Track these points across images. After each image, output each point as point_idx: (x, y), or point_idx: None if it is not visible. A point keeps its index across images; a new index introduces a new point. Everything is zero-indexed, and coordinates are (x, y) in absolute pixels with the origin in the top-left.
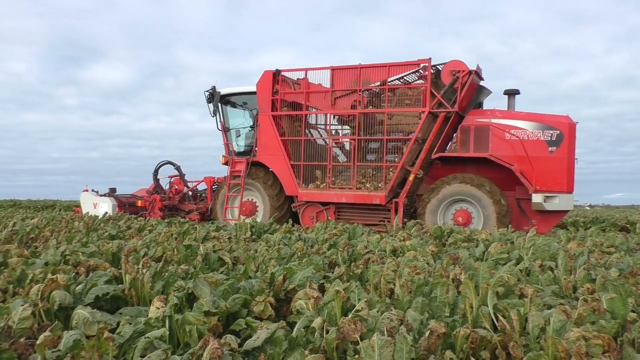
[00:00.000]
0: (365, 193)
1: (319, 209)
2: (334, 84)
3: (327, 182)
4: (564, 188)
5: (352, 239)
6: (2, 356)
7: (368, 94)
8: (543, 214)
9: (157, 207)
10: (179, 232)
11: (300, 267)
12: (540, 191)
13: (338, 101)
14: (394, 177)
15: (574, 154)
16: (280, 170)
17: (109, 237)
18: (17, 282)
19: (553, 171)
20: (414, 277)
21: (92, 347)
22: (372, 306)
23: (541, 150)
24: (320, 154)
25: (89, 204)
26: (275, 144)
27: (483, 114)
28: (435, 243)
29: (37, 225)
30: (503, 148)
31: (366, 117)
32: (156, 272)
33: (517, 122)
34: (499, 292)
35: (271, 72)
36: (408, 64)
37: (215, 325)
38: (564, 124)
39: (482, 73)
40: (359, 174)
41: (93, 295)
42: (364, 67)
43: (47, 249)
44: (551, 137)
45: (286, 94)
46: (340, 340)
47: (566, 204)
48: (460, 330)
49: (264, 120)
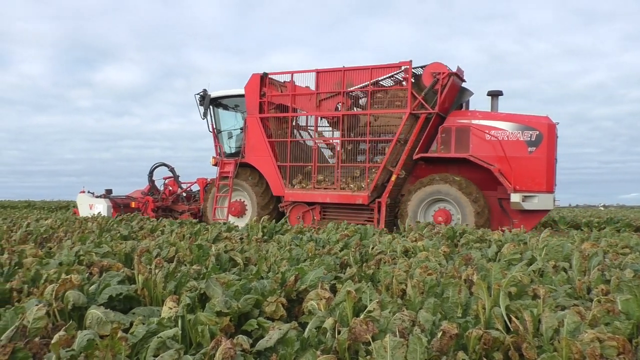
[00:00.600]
0: (348, 193)
1: (306, 209)
2: (319, 86)
3: (312, 182)
4: (544, 188)
5: (364, 240)
6: (17, 355)
7: (351, 96)
8: (524, 213)
9: (150, 208)
10: (191, 232)
11: (312, 267)
12: (520, 191)
13: (323, 103)
14: (376, 177)
15: (554, 154)
16: (268, 171)
17: (121, 237)
18: (31, 282)
19: (532, 171)
20: (426, 278)
21: (105, 347)
22: (384, 307)
23: (520, 151)
24: (306, 155)
25: (85, 205)
26: (262, 145)
27: (464, 115)
28: (447, 244)
29: (51, 225)
30: (483, 148)
31: (349, 118)
32: (169, 273)
33: (497, 122)
34: (511, 292)
35: (259, 75)
36: (390, 67)
37: (227, 325)
38: (543, 125)
39: (463, 75)
40: (342, 174)
41: (106, 295)
42: (347, 69)
43: (61, 250)
44: (531, 137)
45: (273, 97)
46: (352, 340)
47: (546, 204)
48: (472, 331)
49: (252, 122)
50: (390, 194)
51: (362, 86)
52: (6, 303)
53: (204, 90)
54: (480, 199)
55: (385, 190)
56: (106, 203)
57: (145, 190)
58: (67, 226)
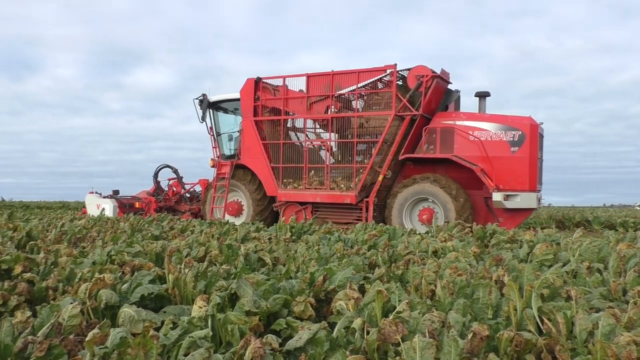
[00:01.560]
0: (337, 193)
1: (298, 209)
2: (309, 90)
3: (303, 183)
4: (526, 187)
5: (392, 240)
6: (53, 352)
7: (340, 99)
8: (509, 212)
9: (153, 208)
10: (220, 232)
11: (340, 267)
12: (502, 190)
13: (313, 106)
14: (363, 177)
15: (536, 154)
16: (262, 172)
17: (152, 237)
18: (66, 280)
19: (515, 170)
20: (455, 279)
21: (137, 345)
22: (413, 307)
23: (503, 150)
24: (298, 156)
25: (93, 205)
26: (257, 147)
27: (448, 116)
28: (477, 244)
29: (85, 226)
30: (467, 149)
31: (338, 121)
32: (199, 272)
33: (480, 123)
34: (544, 294)
35: (253, 79)
36: (376, 70)
37: (256, 325)
38: (525, 125)
39: (448, 77)
40: (332, 175)
41: (138, 294)
42: (336, 73)
43: (94, 249)
44: (513, 137)
45: (267, 100)
46: (381, 341)
47: (528, 202)
48: (504, 332)
49: (247, 125)
50: (378, 193)
51: (350, 89)
52: (42, 301)
53: (204, 95)
54: (461, 197)
55: (372, 190)
56: (112, 203)
57: (150, 191)
58: (100, 226)
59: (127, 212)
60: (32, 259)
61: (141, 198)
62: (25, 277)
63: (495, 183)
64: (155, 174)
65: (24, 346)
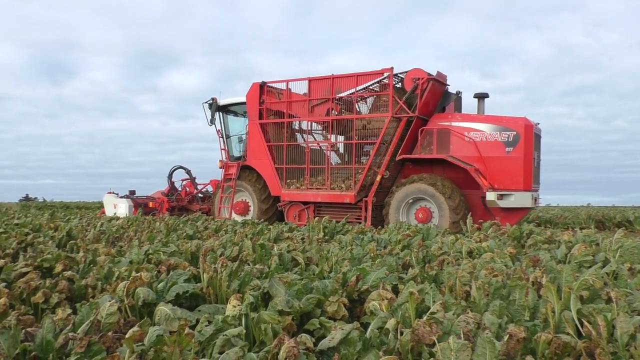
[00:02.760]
0: (337, 193)
1: (301, 208)
2: (311, 93)
3: (305, 183)
4: (521, 186)
5: (426, 240)
6: (92, 348)
7: (340, 102)
8: (506, 211)
9: (165, 207)
10: (254, 232)
11: (373, 268)
12: (497, 189)
13: (315, 109)
14: (361, 177)
15: (531, 154)
16: (266, 173)
17: (187, 237)
18: (104, 279)
19: (510, 170)
20: (491, 280)
21: (174, 342)
22: (447, 308)
23: (498, 151)
24: (300, 157)
25: (110, 205)
26: (262, 149)
27: (444, 118)
28: (513, 244)
29: (122, 225)
30: (463, 149)
31: (338, 123)
32: (232, 272)
33: (476, 124)
34: (583, 296)
35: (258, 84)
36: (373, 74)
37: (289, 324)
38: (520, 125)
39: (445, 80)
40: (333, 175)
41: (174, 292)
42: (336, 77)
43: (131, 248)
44: (508, 138)
45: (271, 104)
46: (415, 342)
47: (523, 202)
48: (541, 335)
49: (253, 128)
50: (377, 193)
51: (349, 92)
52: (82, 298)
53: (213, 99)
54: (456, 196)
55: (371, 190)
56: (128, 203)
57: (165, 191)
58: (136, 226)
59: (142, 212)
60: (72, 258)
61: (155, 198)
62: (66, 275)
63: (490, 183)
64: (170, 174)
65: (64, 342)
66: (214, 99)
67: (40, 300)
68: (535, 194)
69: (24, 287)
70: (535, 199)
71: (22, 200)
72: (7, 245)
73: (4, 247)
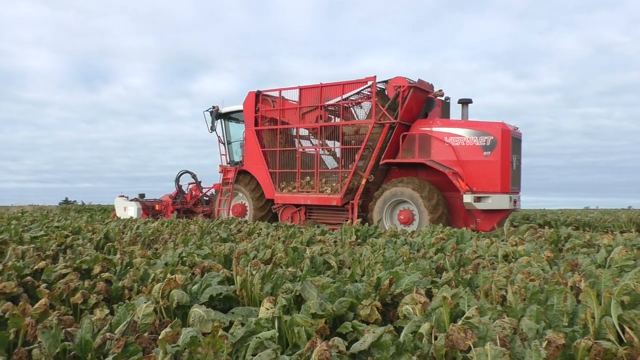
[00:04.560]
0: (325, 196)
1: (294, 210)
2: (302, 101)
3: (296, 186)
4: (498, 189)
5: (460, 244)
6: (129, 349)
7: (328, 109)
8: (486, 213)
9: (170, 210)
10: (286, 235)
11: (407, 271)
12: (476, 192)
13: (305, 116)
14: (347, 181)
15: (508, 158)
16: (261, 177)
17: (221, 240)
18: (140, 280)
19: (487, 173)
20: (528, 284)
21: (207, 344)
22: (483, 313)
23: (476, 155)
24: (292, 162)
25: (120, 207)
26: (257, 154)
27: (426, 123)
28: (550, 248)
29: (157, 228)
30: (443, 153)
31: (326, 129)
32: (265, 274)
33: (455, 129)
34: (624, 301)
35: (254, 92)
36: (358, 82)
37: (322, 327)
38: (497, 130)
39: (429, 87)
40: (321, 179)
41: (207, 294)
42: (324, 86)
43: (166, 251)
44: (486, 142)
45: (266, 111)
46: (449, 347)
47: (500, 204)
48: (581, 341)
49: (249, 134)
50: (362, 196)
51: (336, 100)
52: (119, 299)
53: (214, 107)
54: (434, 198)
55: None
56: (136, 206)
57: (173, 195)
58: (171, 229)
59: (150, 214)
60: (110, 260)
61: (162, 201)
62: (104, 276)
63: (469, 185)
64: (177, 179)
65: (102, 342)
66: (216, 107)
67: (79, 301)
68: (514, 196)
69: (64, 287)
70: (514, 201)
71: (62, 203)
72: (48, 247)
73: (45, 249)
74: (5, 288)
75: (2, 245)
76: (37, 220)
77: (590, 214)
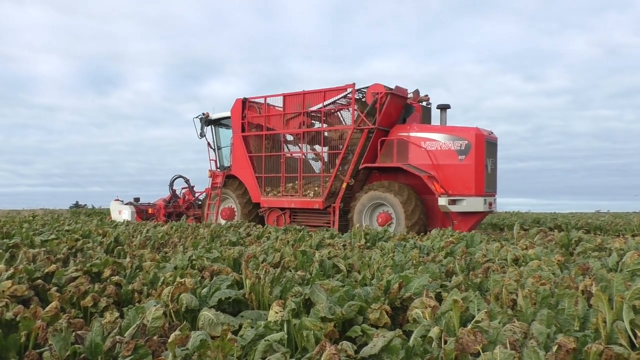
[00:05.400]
0: (308, 199)
1: (279, 213)
2: (286, 107)
3: (281, 190)
4: (472, 191)
5: (470, 247)
6: (138, 351)
7: (310, 115)
8: (462, 215)
9: (162, 214)
10: (295, 239)
11: (416, 275)
12: (452, 195)
13: (289, 122)
14: (329, 185)
15: (482, 161)
16: (248, 182)
17: (230, 243)
18: (150, 284)
19: (462, 177)
20: (538, 288)
21: (217, 347)
22: (493, 317)
23: (451, 159)
24: (276, 167)
25: (115, 210)
26: (244, 159)
27: (404, 129)
28: (561, 252)
29: (167, 232)
30: (420, 158)
31: (308, 134)
32: (274, 278)
33: (431, 134)
34: (636, 306)
35: (241, 99)
36: (338, 89)
37: (331, 331)
38: (471, 135)
39: (406, 93)
40: (303, 183)
41: (216, 298)
42: (306, 93)
43: (175, 254)
44: (460, 146)
45: (252, 118)
46: (459, 351)
47: (475, 206)
48: (592, 346)
49: (236, 140)
50: (343, 199)
51: (317, 107)
52: (129, 303)
53: (203, 114)
54: (411, 201)
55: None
56: (131, 209)
57: (167, 199)
58: (180, 232)
59: (144, 217)
60: (120, 263)
61: (156, 205)
62: (114, 280)
63: (444, 189)
64: (171, 183)
65: (112, 345)
66: (206, 114)
67: (89, 304)
68: (489, 198)
69: (74, 291)
70: (489, 204)
71: (72, 207)
72: (59, 251)
73: (56, 252)
74: (17, 291)
75: (13, 249)
76: (48, 224)
77: (601, 217)
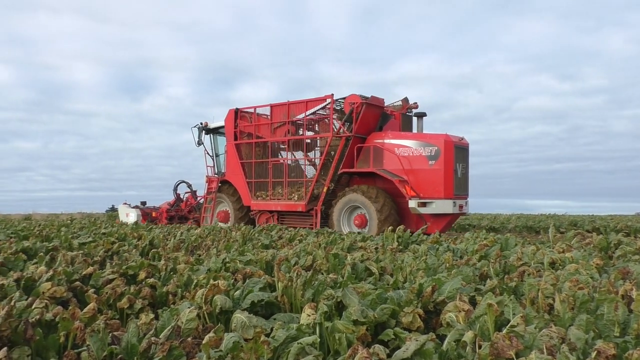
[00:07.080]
0: (292, 203)
1: (268, 216)
2: (273, 117)
3: (268, 194)
4: (442, 195)
5: (505, 250)
6: (173, 353)
7: (295, 124)
8: (435, 217)
9: (164, 217)
10: (327, 242)
11: (449, 278)
12: (423, 198)
13: (276, 130)
14: (310, 189)
15: (451, 166)
16: (240, 186)
17: (262, 246)
18: (184, 286)
19: (432, 181)
20: (576, 292)
21: (249, 350)
22: (528, 322)
23: (422, 164)
24: (264, 172)
25: (123, 213)
26: (237, 166)
27: (379, 136)
28: (600, 255)
29: (200, 235)
30: (393, 163)
31: (293, 142)
32: (306, 281)
33: (404, 141)
34: None
35: (233, 110)
36: (319, 100)
37: (364, 334)
38: (441, 141)
39: (382, 103)
40: (288, 187)
41: (249, 300)
42: (291, 103)
43: (209, 257)
44: (430, 152)
45: (244, 127)
46: (494, 356)
47: (444, 208)
48: (633, 352)
49: (230, 148)
50: (325, 202)
51: (301, 116)
52: (163, 304)
53: (201, 123)
54: (385, 205)
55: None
56: (137, 212)
57: (171, 202)
58: (213, 235)
59: (149, 220)
60: (155, 266)
61: (160, 208)
62: (149, 282)
63: (416, 192)
64: (175, 188)
65: (147, 346)
66: (204, 123)
67: (125, 306)
68: (460, 201)
69: (111, 292)
70: (460, 206)
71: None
72: (95, 254)
73: (93, 255)
74: (56, 293)
75: (53, 252)
76: (85, 227)
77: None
